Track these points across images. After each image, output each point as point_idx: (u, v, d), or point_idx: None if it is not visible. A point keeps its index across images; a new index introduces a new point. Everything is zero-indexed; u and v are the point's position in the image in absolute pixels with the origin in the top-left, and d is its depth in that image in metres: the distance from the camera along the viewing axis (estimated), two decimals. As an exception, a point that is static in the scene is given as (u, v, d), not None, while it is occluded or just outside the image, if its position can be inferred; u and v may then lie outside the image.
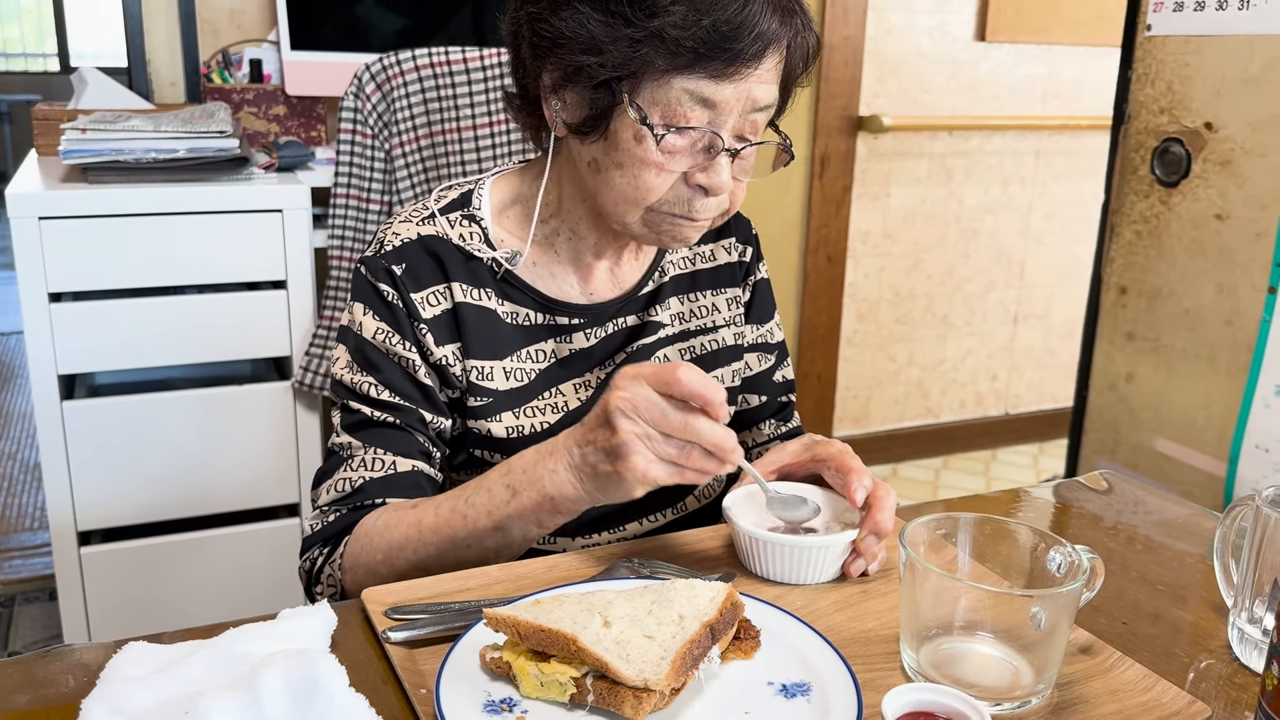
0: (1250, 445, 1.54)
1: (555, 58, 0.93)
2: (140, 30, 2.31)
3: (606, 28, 0.89)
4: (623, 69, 0.90)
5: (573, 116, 0.95)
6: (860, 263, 3.18)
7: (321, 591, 0.98)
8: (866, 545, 0.88)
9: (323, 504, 1.00)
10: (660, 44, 0.88)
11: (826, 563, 0.88)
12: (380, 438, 0.99)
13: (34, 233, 1.80)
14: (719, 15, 0.87)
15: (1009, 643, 0.74)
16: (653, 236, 0.98)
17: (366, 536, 0.95)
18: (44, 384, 1.87)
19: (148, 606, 2.03)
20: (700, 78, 0.89)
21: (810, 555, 0.87)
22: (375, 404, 1.00)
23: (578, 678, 0.69)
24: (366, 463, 0.98)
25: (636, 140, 0.92)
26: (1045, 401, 3.62)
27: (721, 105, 0.91)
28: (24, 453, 3.32)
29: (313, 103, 2.35)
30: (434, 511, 0.92)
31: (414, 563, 0.92)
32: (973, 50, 3.12)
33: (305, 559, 1.00)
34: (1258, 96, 1.51)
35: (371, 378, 1.00)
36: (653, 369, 0.82)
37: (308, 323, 2.02)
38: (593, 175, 0.97)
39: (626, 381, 0.82)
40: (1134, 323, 1.74)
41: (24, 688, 0.73)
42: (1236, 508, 0.85)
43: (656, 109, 0.91)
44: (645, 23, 0.87)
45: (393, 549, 0.93)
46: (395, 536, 0.93)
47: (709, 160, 0.93)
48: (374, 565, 0.94)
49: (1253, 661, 0.81)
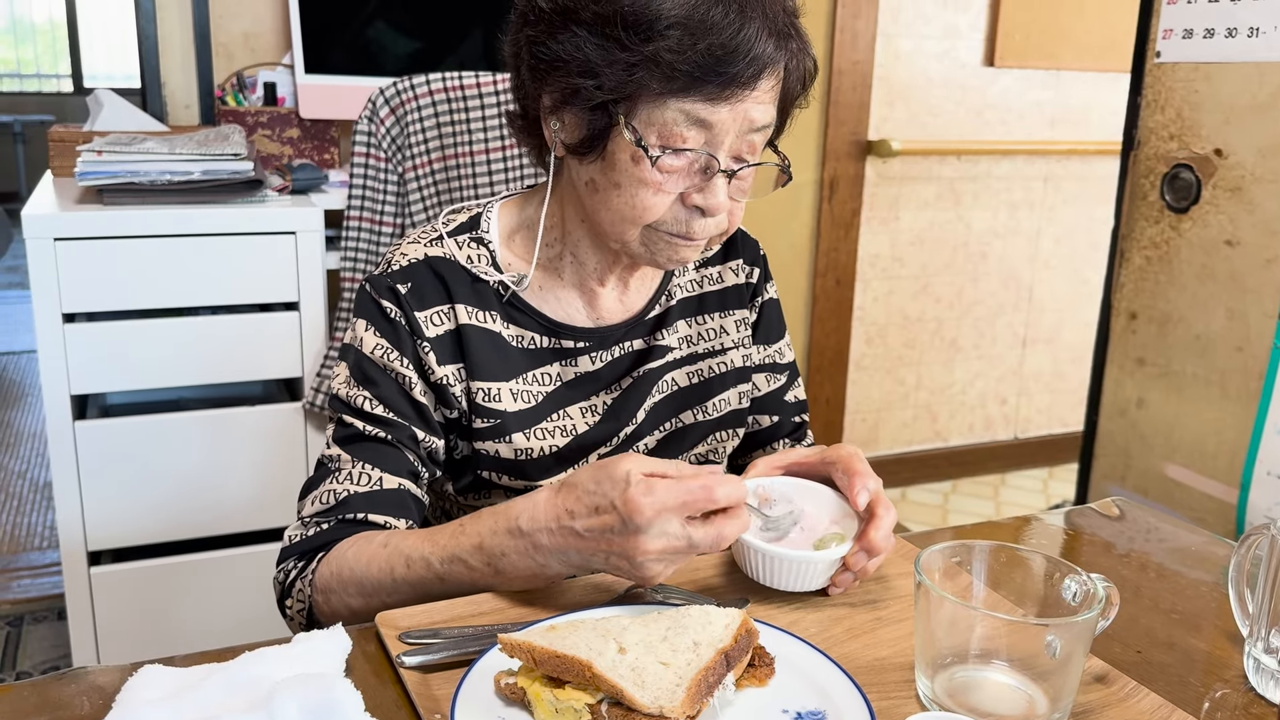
0: (1262, 472, 1.53)
1: (553, 80, 0.94)
2: (155, 52, 2.33)
3: (602, 51, 0.90)
4: (618, 92, 0.90)
5: (571, 137, 0.96)
6: (869, 286, 3.18)
7: (291, 605, 0.97)
8: (856, 560, 0.87)
9: (305, 515, 0.99)
10: (655, 68, 0.88)
11: (812, 575, 0.87)
12: (370, 453, 0.99)
13: (49, 253, 1.81)
14: (714, 40, 0.87)
15: (1024, 671, 0.74)
16: (650, 257, 0.99)
17: (339, 565, 0.93)
18: (56, 403, 1.88)
19: (157, 627, 2.03)
20: (696, 100, 0.90)
21: (795, 567, 0.87)
22: (368, 418, 1.00)
23: (593, 704, 0.69)
24: (353, 476, 0.98)
25: (634, 161, 0.92)
26: (1054, 426, 3.61)
27: (717, 127, 0.91)
28: (34, 471, 3.33)
29: (326, 126, 2.36)
30: (405, 565, 0.89)
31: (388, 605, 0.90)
32: (981, 75, 3.14)
33: (280, 570, 0.99)
34: (1267, 123, 1.52)
35: (367, 392, 1.00)
36: (678, 499, 0.78)
37: (319, 344, 2.03)
38: (591, 195, 0.98)
39: (649, 518, 0.77)
40: (1144, 348, 1.74)
41: (39, 710, 0.73)
42: (1251, 536, 0.85)
43: (653, 130, 0.91)
44: (640, 47, 0.88)
45: (366, 589, 0.91)
46: (369, 577, 0.91)
47: (705, 181, 0.93)
48: (347, 596, 0.93)
49: (1269, 692, 0.81)
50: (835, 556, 0.87)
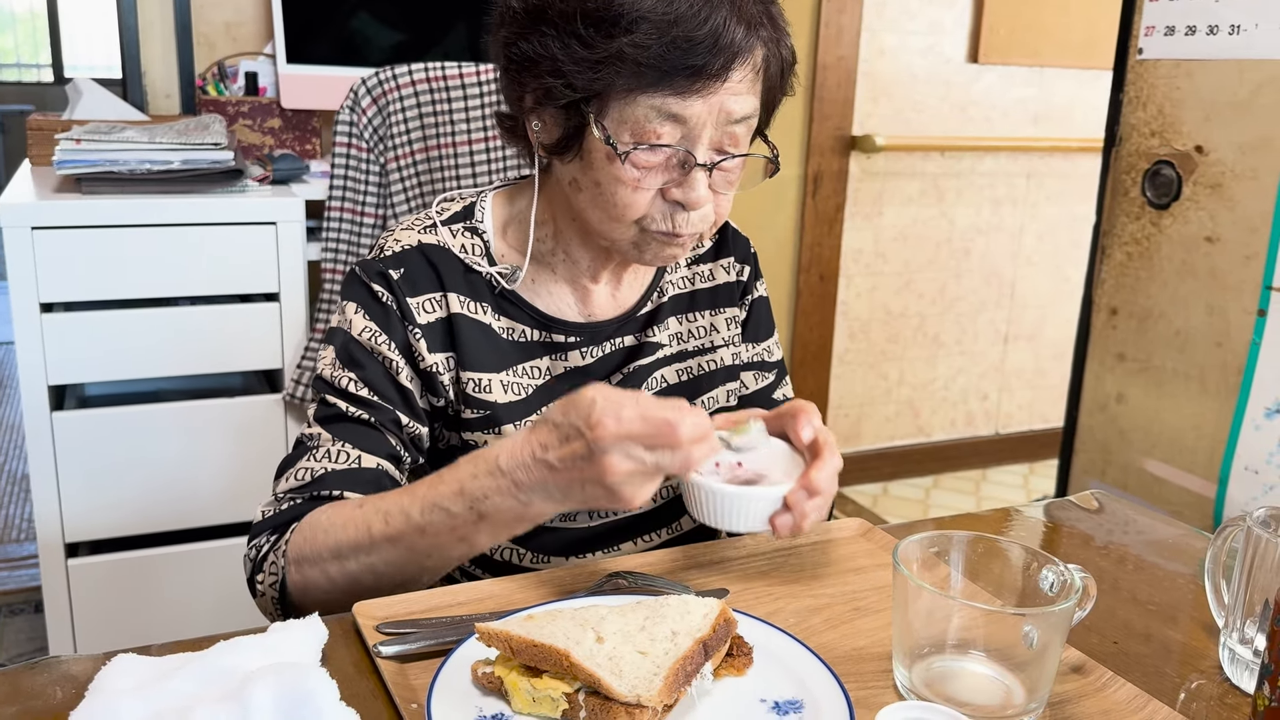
0: (1240, 466, 1.54)
1: (527, 80, 0.94)
2: (136, 42, 2.31)
3: (568, 50, 0.89)
4: (588, 90, 0.90)
5: (549, 137, 0.96)
6: (852, 282, 3.19)
7: (263, 580, 0.94)
8: (796, 500, 0.86)
9: (279, 491, 0.97)
10: (622, 64, 0.87)
11: (751, 513, 0.86)
12: (350, 433, 0.97)
13: (27, 243, 1.79)
14: (679, 32, 0.86)
15: (1001, 661, 0.74)
16: (639, 255, 0.98)
17: (312, 530, 0.91)
18: (34, 394, 1.86)
19: (135, 619, 2.01)
20: (666, 95, 0.88)
21: (734, 503, 0.86)
22: (352, 399, 0.98)
23: (570, 693, 0.69)
24: (331, 454, 0.96)
25: (608, 159, 0.91)
26: (1035, 421, 3.63)
27: (692, 120, 0.90)
28: (11, 464, 3.30)
29: (308, 116, 2.35)
30: (383, 520, 0.87)
31: (367, 566, 0.88)
32: (965, 72, 3.15)
33: (252, 546, 0.96)
34: (1248, 120, 1.53)
35: (353, 374, 0.99)
36: (642, 430, 0.78)
37: (300, 336, 2.02)
38: (575, 194, 0.97)
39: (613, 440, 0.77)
40: (1125, 344, 1.75)
41: (11, 699, 0.73)
42: (1227, 528, 0.86)
43: (626, 127, 0.90)
44: (606, 44, 0.87)
45: (343, 551, 0.89)
46: (345, 539, 0.89)
47: (684, 176, 0.92)
48: (321, 562, 0.90)
49: (1244, 682, 0.81)
50: (775, 494, 0.86)
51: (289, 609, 0.93)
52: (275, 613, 0.95)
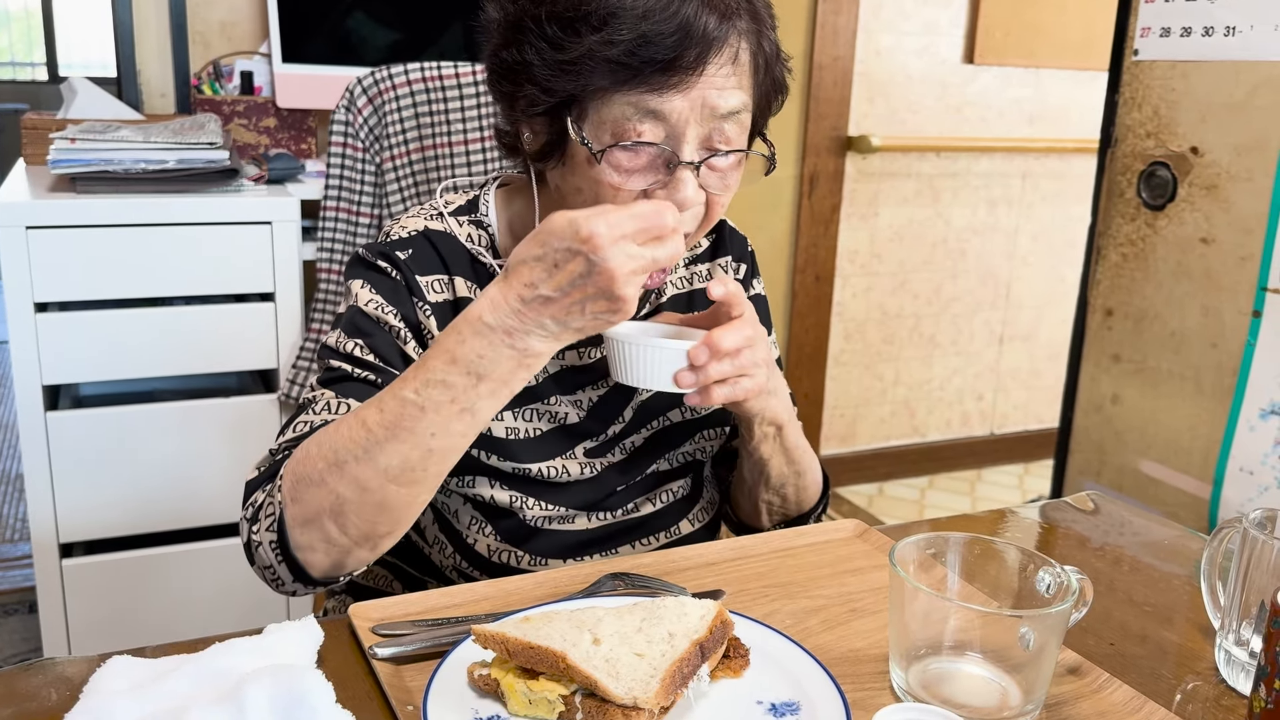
0: (1234, 468, 1.54)
1: (511, 90, 0.94)
2: (131, 41, 2.30)
3: (540, 54, 0.89)
4: (564, 92, 0.89)
5: (535, 145, 0.96)
6: (848, 282, 3.19)
7: (258, 531, 0.88)
8: (696, 354, 0.87)
9: (274, 447, 0.94)
10: (593, 64, 0.87)
11: (654, 365, 0.88)
12: (354, 391, 0.95)
13: (21, 242, 1.79)
14: (648, 26, 0.85)
15: (998, 663, 0.74)
16: None
17: (304, 451, 0.87)
18: (28, 394, 1.85)
19: (129, 620, 2.01)
20: (642, 91, 0.87)
21: (638, 353, 0.88)
22: (357, 362, 0.97)
23: (566, 695, 0.69)
24: (331, 407, 0.94)
25: (588, 163, 0.91)
26: (1031, 422, 3.63)
27: (673, 117, 0.88)
28: (5, 464, 3.29)
29: (303, 115, 2.34)
30: (378, 409, 0.84)
31: (371, 469, 0.83)
32: (961, 72, 3.15)
33: (248, 505, 0.91)
34: (1243, 122, 1.53)
35: (360, 340, 0.98)
36: (634, 225, 0.79)
37: (295, 335, 2.01)
38: (563, 201, 0.97)
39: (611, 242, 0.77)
40: (1120, 345, 1.75)
41: (5, 701, 0.72)
42: (1223, 530, 0.86)
43: (606, 128, 0.89)
44: (575, 45, 0.87)
45: (340, 457, 0.84)
46: (340, 443, 0.84)
47: (670, 176, 0.90)
48: (321, 480, 0.85)
49: (1240, 684, 0.81)
50: (678, 346, 0.88)
51: (291, 561, 0.87)
52: (276, 561, 0.88)
